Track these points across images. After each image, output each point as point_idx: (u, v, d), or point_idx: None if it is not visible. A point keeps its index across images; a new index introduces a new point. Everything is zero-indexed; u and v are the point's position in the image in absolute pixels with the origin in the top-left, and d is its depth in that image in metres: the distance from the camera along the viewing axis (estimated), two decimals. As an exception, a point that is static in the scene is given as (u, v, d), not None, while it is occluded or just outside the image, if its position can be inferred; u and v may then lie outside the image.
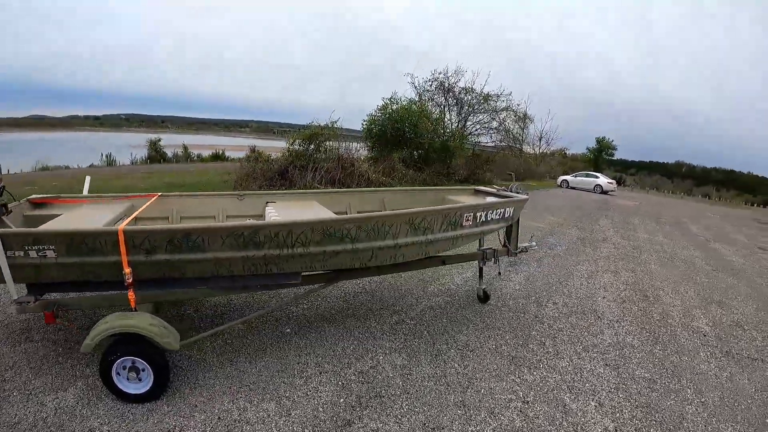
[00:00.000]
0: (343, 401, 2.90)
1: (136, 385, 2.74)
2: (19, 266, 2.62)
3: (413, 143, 17.87)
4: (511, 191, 4.72)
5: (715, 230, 13.92)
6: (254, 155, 13.36)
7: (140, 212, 3.85)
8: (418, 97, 21.75)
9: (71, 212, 3.65)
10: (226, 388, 2.96)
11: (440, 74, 22.36)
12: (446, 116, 22.70)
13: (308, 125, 13.05)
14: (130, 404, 2.72)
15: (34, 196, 3.94)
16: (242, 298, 4.48)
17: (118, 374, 2.71)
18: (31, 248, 2.57)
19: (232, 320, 3.47)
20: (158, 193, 4.22)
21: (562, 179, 29.20)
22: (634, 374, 3.60)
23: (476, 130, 24.18)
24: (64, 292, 3.15)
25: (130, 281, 2.69)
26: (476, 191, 5.13)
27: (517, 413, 2.93)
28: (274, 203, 4.33)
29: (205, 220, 4.19)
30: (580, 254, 7.88)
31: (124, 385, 2.73)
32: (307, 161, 12.06)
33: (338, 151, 12.98)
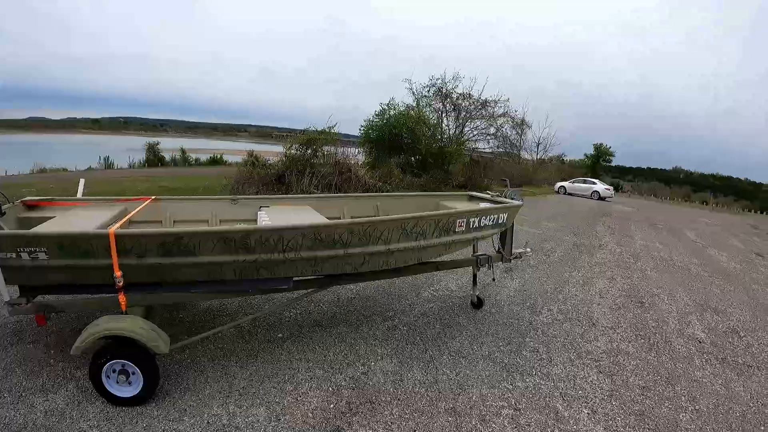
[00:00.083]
0: (333, 407, 2.88)
1: (125, 388, 2.73)
2: (11, 268, 2.62)
3: (411, 149, 17.89)
4: (505, 197, 4.72)
5: (711, 236, 13.93)
6: (251, 160, 13.33)
7: (133, 215, 3.83)
8: (416, 102, 21.78)
9: (65, 215, 3.64)
10: (216, 392, 2.94)
11: (438, 80, 22.42)
12: (444, 122, 22.74)
13: (306, 130, 13.05)
14: (119, 407, 2.71)
15: (28, 198, 3.93)
16: (235, 302, 4.46)
17: (108, 377, 2.71)
18: (23, 250, 2.57)
19: (222, 324, 3.46)
20: (152, 196, 4.21)
21: (559, 185, 29.26)
22: (628, 381, 3.58)
23: (474, 136, 24.20)
24: (57, 294, 3.14)
25: (120, 284, 2.69)
26: (471, 197, 5.14)
27: (508, 420, 2.91)
28: (267, 207, 4.32)
29: (198, 223, 4.18)
30: (576, 261, 7.87)
31: (113, 388, 2.72)
32: (304, 166, 12.04)
33: (336, 156, 12.97)
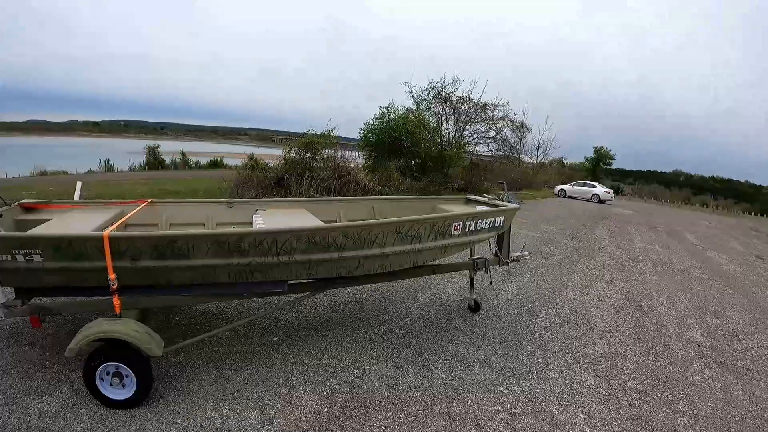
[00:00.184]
0: (327, 411, 2.87)
1: (119, 390, 2.72)
2: (6, 270, 2.63)
3: (410, 152, 17.89)
4: (502, 200, 4.71)
5: (711, 239, 13.91)
6: (251, 163, 13.35)
7: (130, 218, 3.83)
8: (415, 106, 21.78)
9: (61, 217, 3.64)
10: (210, 395, 2.93)
11: (438, 83, 22.43)
12: (443, 125, 22.74)
13: (305, 133, 13.05)
14: (113, 410, 2.70)
15: (25, 200, 3.92)
16: (232, 305, 4.44)
17: (101, 380, 2.70)
18: (18, 252, 2.57)
19: (219, 328, 3.45)
20: (148, 199, 4.21)
21: (559, 189, 29.27)
22: (625, 385, 3.56)
23: (473, 139, 24.20)
24: (52, 296, 3.14)
25: (115, 287, 2.69)
26: (467, 200, 5.13)
27: (503, 425, 2.89)
28: (263, 211, 4.31)
29: (194, 227, 4.17)
30: (575, 264, 7.86)
31: (107, 390, 2.71)
32: (303, 169, 12.04)
33: (335, 159, 12.97)
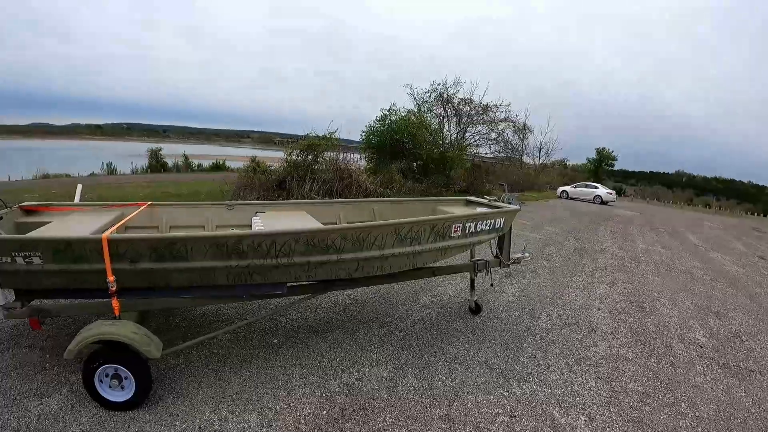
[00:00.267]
0: (325, 413, 2.86)
1: (118, 392, 2.72)
2: (6, 272, 2.64)
3: (412, 154, 17.91)
4: (502, 202, 4.70)
5: (713, 240, 13.86)
6: (253, 166, 13.38)
7: (130, 221, 3.84)
8: (417, 108, 21.82)
9: (61, 220, 3.65)
10: (209, 397, 2.93)
11: (439, 85, 22.47)
12: (445, 127, 22.77)
13: (306, 136, 13.07)
14: (112, 412, 2.70)
15: (25, 203, 3.94)
16: (232, 307, 4.44)
17: (100, 382, 2.71)
18: (17, 254, 2.57)
19: (218, 330, 3.45)
20: (148, 201, 4.21)
21: (561, 190, 29.23)
22: (626, 387, 3.54)
23: (475, 141, 24.24)
24: (53, 298, 3.15)
25: (113, 289, 2.69)
26: (468, 202, 5.12)
27: (503, 428, 2.87)
28: (262, 213, 4.31)
29: (194, 229, 4.18)
30: (576, 265, 7.83)
31: (106, 392, 2.72)
32: (305, 172, 12.06)
33: (337, 162, 12.98)
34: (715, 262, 9.72)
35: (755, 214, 34.76)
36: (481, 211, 4.29)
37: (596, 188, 28.21)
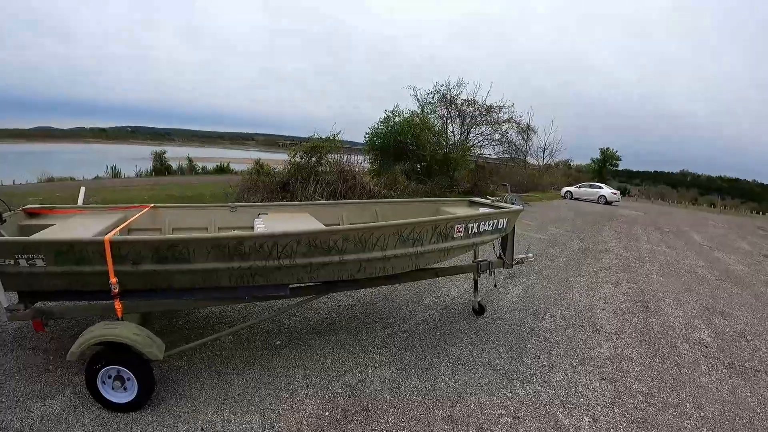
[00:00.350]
0: (328, 414, 2.85)
1: (121, 394, 2.73)
2: (9, 274, 2.65)
3: (416, 155, 17.88)
4: (505, 202, 4.68)
5: (718, 239, 13.77)
6: (257, 168, 13.43)
7: (133, 223, 3.85)
8: (420, 109, 21.78)
9: (64, 222, 3.66)
10: (211, 399, 2.93)
11: (442, 86, 22.43)
12: (449, 128, 22.73)
13: (310, 138, 13.10)
14: (114, 413, 2.71)
15: (29, 206, 3.96)
16: (235, 309, 4.45)
17: (103, 383, 2.72)
18: (20, 257, 2.59)
19: (221, 331, 3.46)
20: (151, 204, 4.22)
21: (566, 190, 29.14)
22: (631, 388, 3.52)
23: (479, 142, 24.17)
24: (56, 300, 3.16)
25: (116, 291, 2.70)
26: (471, 202, 5.10)
27: (506, 429, 2.86)
28: (265, 215, 4.31)
29: (197, 231, 4.18)
30: (581, 265, 7.80)
31: (109, 394, 2.73)
32: (309, 174, 12.07)
33: (340, 163, 12.99)
34: (720, 261, 9.65)
35: (760, 213, 34.50)
36: (483, 211, 4.28)
37: (600, 188, 28.08)
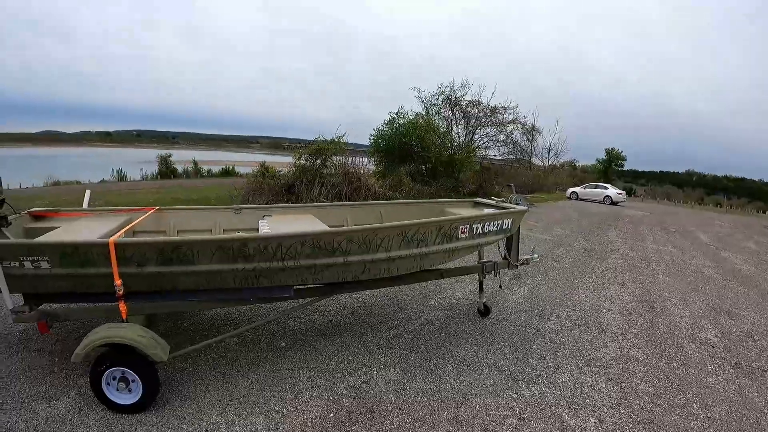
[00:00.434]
0: (332, 416, 2.85)
1: (125, 395, 2.74)
2: (14, 276, 2.67)
3: (420, 157, 17.88)
4: (510, 202, 4.67)
5: (725, 239, 13.65)
6: (262, 170, 13.50)
7: (138, 226, 3.87)
8: (425, 111, 21.80)
9: (69, 225, 3.69)
10: (216, 400, 2.94)
11: (446, 88, 22.43)
12: (454, 129, 22.73)
13: (315, 140, 13.13)
14: (119, 415, 2.72)
15: (34, 209, 3.99)
16: (240, 311, 4.46)
17: (108, 384, 2.73)
18: (25, 259, 2.61)
19: (226, 333, 3.47)
20: (156, 206, 4.25)
21: (571, 191, 29.05)
22: (637, 389, 3.49)
23: (484, 143, 24.16)
24: (60, 302, 3.19)
25: (120, 293, 2.71)
26: (475, 203, 5.09)
27: (512, 430, 2.84)
28: (269, 216, 4.32)
29: (201, 233, 4.20)
30: (586, 266, 7.76)
31: (113, 395, 2.74)
32: (313, 176, 12.10)
33: (345, 165, 13.01)
34: (726, 261, 9.57)
35: (767, 212, 34.20)
36: (488, 212, 4.27)
37: (606, 189, 27.96)
